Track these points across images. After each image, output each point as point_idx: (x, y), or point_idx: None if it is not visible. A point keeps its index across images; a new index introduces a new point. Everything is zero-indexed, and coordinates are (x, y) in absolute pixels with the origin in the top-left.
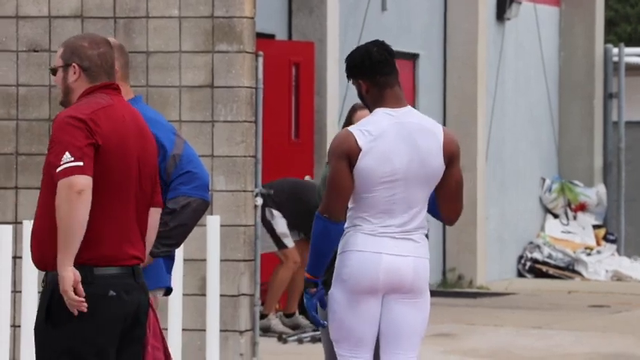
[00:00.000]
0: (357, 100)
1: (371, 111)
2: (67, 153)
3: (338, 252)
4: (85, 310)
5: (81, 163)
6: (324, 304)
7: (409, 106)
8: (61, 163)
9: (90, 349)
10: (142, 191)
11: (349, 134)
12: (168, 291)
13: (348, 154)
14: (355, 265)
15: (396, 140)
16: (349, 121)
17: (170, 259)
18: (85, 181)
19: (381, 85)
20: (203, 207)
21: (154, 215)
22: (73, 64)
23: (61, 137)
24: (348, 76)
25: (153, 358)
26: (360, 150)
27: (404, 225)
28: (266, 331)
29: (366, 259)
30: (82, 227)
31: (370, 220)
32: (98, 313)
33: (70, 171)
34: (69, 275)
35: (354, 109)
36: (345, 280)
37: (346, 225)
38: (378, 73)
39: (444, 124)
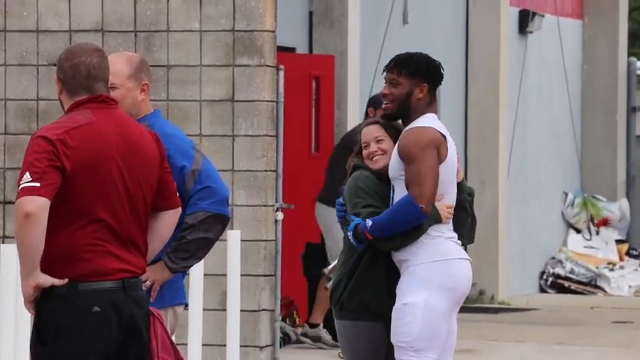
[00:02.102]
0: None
1: (405, 114)
2: (27, 173)
3: (425, 259)
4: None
5: (37, 184)
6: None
7: None
8: (21, 183)
9: None
10: (131, 203)
11: (435, 130)
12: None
13: (438, 144)
14: (460, 273)
15: (452, 142)
16: (360, 141)
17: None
18: (36, 203)
19: (433, 97)
20: (223, 222)
21: (169, 218)
22: (57, 77)
23: (26, 157)
24: (411, 74)
25: None
26: (446, 141)
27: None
28: (316, 340)
29: (467, 268)
30: (32, 248)
31: (446, 227)
32: (83, 329)
33: (24, 192)
34: (27, 291)
35: (361, 128)
36: (450, 288)
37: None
38: (438, 85)
39: (466, 138)
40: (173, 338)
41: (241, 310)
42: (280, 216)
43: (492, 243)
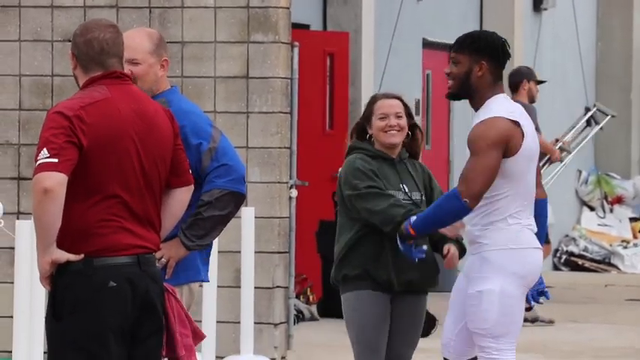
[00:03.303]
0: (392, 90)
1: (465, 93)
2: (44, 149)
3: (502, 245)
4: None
5: (55, 160)
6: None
7: None
8: (38, 159)
9: (93, 340)
10: (147, 180)
11: (504, 120)
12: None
13: (507, 139)
14: (535, 262)
15: (526, 117)
16: (370, 110)
17: (205, 251)
18: (54, 179)
19: (496, 76)
20: (239, 199)
21: (181, 195)
22: (72, 52)
23: (43, 133)
24: (470, 51)
25: (183, 346)
26: (522, 130)
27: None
28: (533, 321)
29: (540, 257)
30: (49, 224)
31: (524, 214)
32: (99, 304)
33: (42, 167)
34: (43, 267)
35: (375, 99)
36: (523, 276)
37: (500, 215)
38: (501, 65)
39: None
40: None
41: (255, 287)
42: (294, 193)
43: None
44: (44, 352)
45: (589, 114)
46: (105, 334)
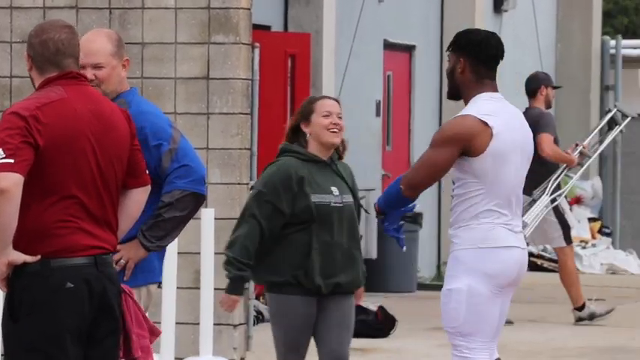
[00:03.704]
0: (353, 91)
1: (455, 91)
2: (0, 150)
3: (471, 244)
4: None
5: (11, 161)
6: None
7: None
8: None
9: (50, 341)
10: (103, 180)
11: (472, 118)
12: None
13: (469, 137)
14: (504, 261)
15: (511, 119)
16: (310, 109)
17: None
18: (10, 180)
19: (479, 74)
20: (199, 200)
21: (138, 196)
22: (27, 53)
23: None
24: (453, 48)
25: (140, 347)
26: (491, 130)
27: (517, 214)
28: (591, 318)
29: (512, 256)
30: (5, 225)
31: (501, 212)
32: (56, 305)
33: None
34: (0, 269)
35: (315, 98)
36: (492, 275)
37: (470, 214)
38: (484, 63)
39: (441, 116)
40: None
41: (215, 289)
42: None
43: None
44: (1, 355)
45: (609, 115)
46: (62, 335)
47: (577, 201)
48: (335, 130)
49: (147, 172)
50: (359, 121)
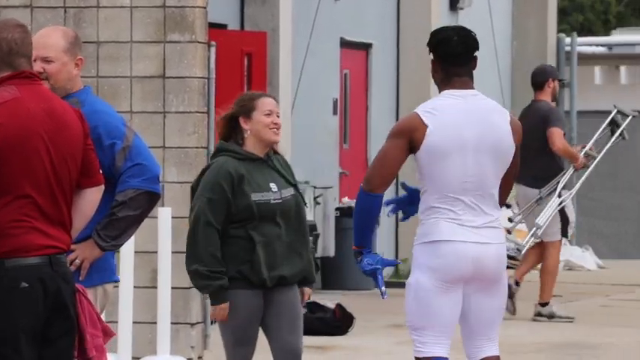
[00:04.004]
0: (309, 89)
1: (439, 91)
2: None
3: (418, 240)
4: None
5: None
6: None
7: (476, 90)
8: None
9: (5, 342)
10: (57, 179)
11: (413, 114)
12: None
13: (410, 132)
14: (446, 255)
15: (464, 115)
16: (252, 106)
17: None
18: None
19: (447, 73)
20: (153, 199)
21: (92, 195)
22: None
23: None
24: (429, 52)
25: (94, 347)
26: (426, 127)
27: (482, 209)
28: (550, 317)
29: (455, 250)
30: None
31: (447, 207)
32: (10, 305)
33: None
34: None
35: (255, 95)
36: (435, 269)
37: (422, 210)
38: (446, 62)
39: (397, 114)
40: (103, 316)
41: (172, 288)
42: None
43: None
44: None
45: (610, 117)
46: (16, 335)
47: None
48: (276, 128)
49: (100, 171)
50: (316, 120)
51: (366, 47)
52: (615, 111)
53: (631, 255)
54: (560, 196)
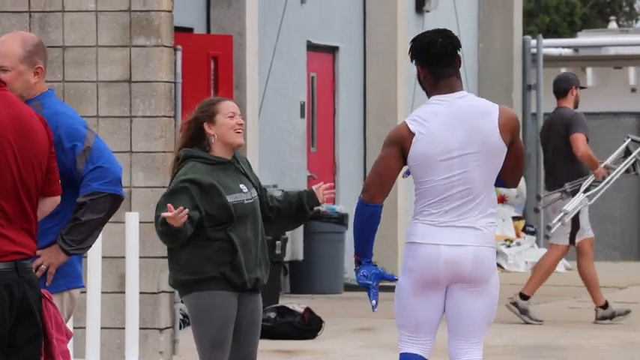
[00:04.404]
0: (277, 93)
1: (428, 96)
2: None
3: (405, 239)
4: None
5: None
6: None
7: (464, 91)
8: None
9: None
10: (24, 185)
11: (402, 124)
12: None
13: (400, 141)
14: (418, 257)
15: (449, 121)
16: (214, 110)
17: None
18: None
19: (436, 75)
20: (116, 202)
21: (48, 204)
22: None
23: None
24: (412, 58)
25: (60, 352)
26: (413, 135)
27: (465, 212)
28: (522, 313)
29: (427, 252)
30: None
31: (430, 210)
32: None
33: None
34: None
35: (216, 100)
36: (411, 270)
37: (413, 213)
38: (434, 65)
39: (365, 117)
40: (70, 322)
41: (140, 293)
42: None
43: (392, 223)
44: None
45: (623, 145)
46: None
47: (501, 200)
48: (240, 130)
49: (59, 181)
50: (284, 123)
51: (332, 50)
52: (629, 140)
53: (596, 257)
54: (586, 191)
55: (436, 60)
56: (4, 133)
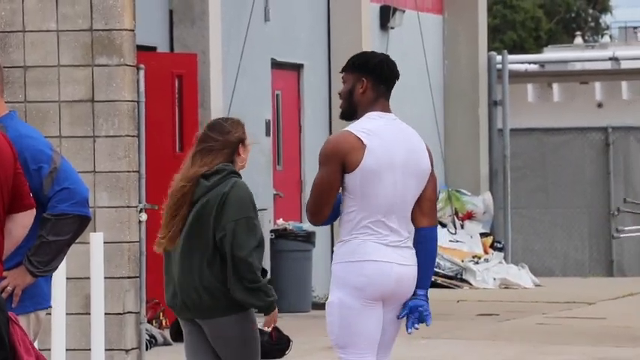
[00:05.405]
0: (241, 110)
1: (352, 110)
2: None
3: (341, 259)
4: None
5: None
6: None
7: (394, 115)
8: None
9: None
10: None
11: (349, 134)
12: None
13: (345, 153)
14: (372, 275)
15: (393, 134)
16: (243, 134)
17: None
18: None
19: (379, 93)
20: (83, 223)
21: (23, 219)
22: None
23: None
24: (352, 70)
25: None
26: (364, 146)
27: (403, 231)
28: None
29: (382, 270)
30: None
31: (375, 228)
32: None
33: None
34: None
35: (241, 122)
36: (359, 288)
37: (346, 229)
38: (384, 83)
39: (330, 134)
40: (36, 344)
41: (106, 314)
42: (144, 217)
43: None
44: None
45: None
46: None
47: (469, 216)
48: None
49: (31, 194)
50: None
51: (297, 68)
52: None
53: (562, 272)
54: None
55: (389, 80)
56: None
